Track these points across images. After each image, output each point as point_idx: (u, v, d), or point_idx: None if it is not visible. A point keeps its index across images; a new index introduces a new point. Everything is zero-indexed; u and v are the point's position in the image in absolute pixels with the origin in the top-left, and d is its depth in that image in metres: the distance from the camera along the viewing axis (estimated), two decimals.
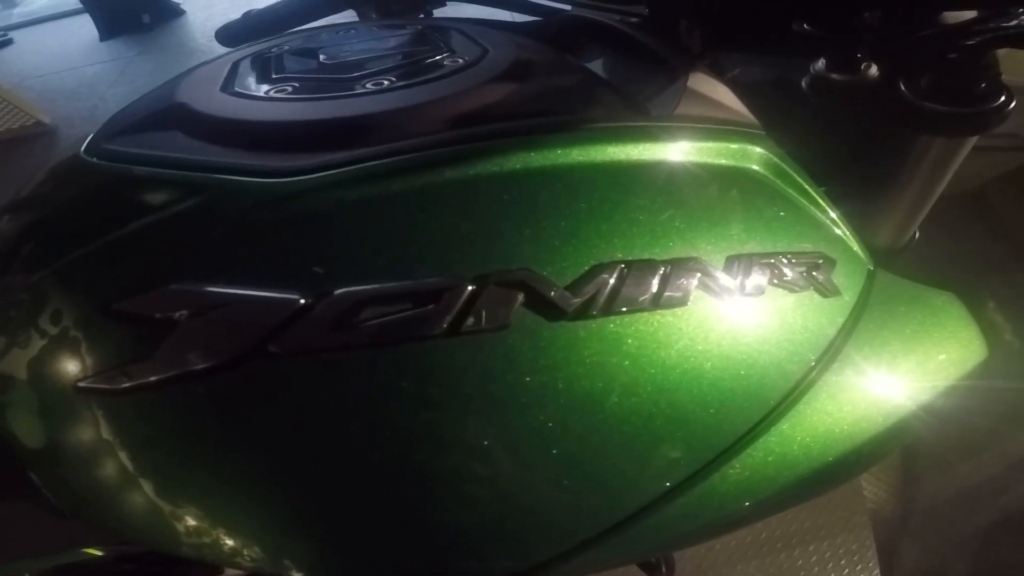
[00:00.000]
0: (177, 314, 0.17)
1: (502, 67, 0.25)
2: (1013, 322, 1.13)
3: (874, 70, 0.31)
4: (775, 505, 0.24)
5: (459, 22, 0.34)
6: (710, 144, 0.23)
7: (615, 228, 0.19)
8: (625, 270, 0.19)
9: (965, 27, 0.27)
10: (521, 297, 0.18)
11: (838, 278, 0.24)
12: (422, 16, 0.43)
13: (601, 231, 0.19)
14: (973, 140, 0.30)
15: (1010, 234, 1.24)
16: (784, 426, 0.22)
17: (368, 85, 0.24)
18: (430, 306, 0.17)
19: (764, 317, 0.22)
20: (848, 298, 0.25)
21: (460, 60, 0.26)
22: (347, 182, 0.19)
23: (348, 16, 0.42)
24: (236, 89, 0.25)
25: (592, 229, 0.19)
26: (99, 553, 0.26)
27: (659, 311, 0.19)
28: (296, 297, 0.17)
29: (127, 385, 0.17)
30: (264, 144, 0.21)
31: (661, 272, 0.19)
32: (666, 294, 0.19)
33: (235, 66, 0.28)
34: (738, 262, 0.21)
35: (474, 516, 0.20)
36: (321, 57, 0.27)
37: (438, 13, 0.44)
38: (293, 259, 0.18)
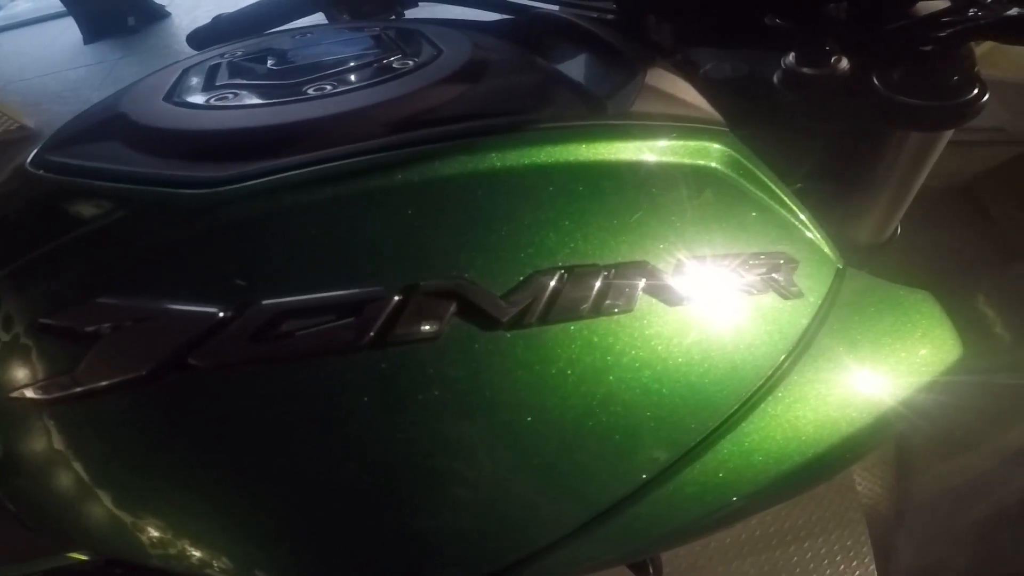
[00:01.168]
0: (101, 327, 0.17)
1: (452, 69, 0.25)
2: (1003, 315, 1.14)
3: (844, 63, 0.31)
4: (740, 510, 0.24)
5: (423, 23, 0.34)
6: (665, 142, 0.23)
7: (557, 233, 0.19)
8: (565, 277, 0.19)
9: (937, 19, 0.27)
10: (453, 307, 0.17)
11: (802, 279, 0.24)
12: (393, 18, 0.43)
13: (541, 236, 0.19)
14: (949, 134, 0.30)
15: (998, 228, 1.26)
16: (744, 431, 0.22)
17: (310, 91, 0.24)
18: (352, 318, 0.17)
19: (718, 321, 0.22)
20: (813, 299, 0.25)
21: (410, 62, 0.26)
22: (270, 192, 0.18)
23: (319, 19, 0.42)
24: (178, 98, 0.25)
25: (532, 235, 0.19)
26: (84, 558, 0.26)
27: (601, 318, 0.19)
28: (214, 311, 0.17)
29: (53, 396, 0.18)
30: (197, 154, 0.21)
31: (603, 278, 0.19)
32: (608, 301, 0.19)
33: (184, 74, 0.28)
34: (690, 265, 0.21)
35: (423, 522, 0.20)
36: (269, 62, 0.27)
37: (410, 14, 0.44)
38: (214, 271, 0.18)
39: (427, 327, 0.17)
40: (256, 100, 0.24)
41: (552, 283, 0.18)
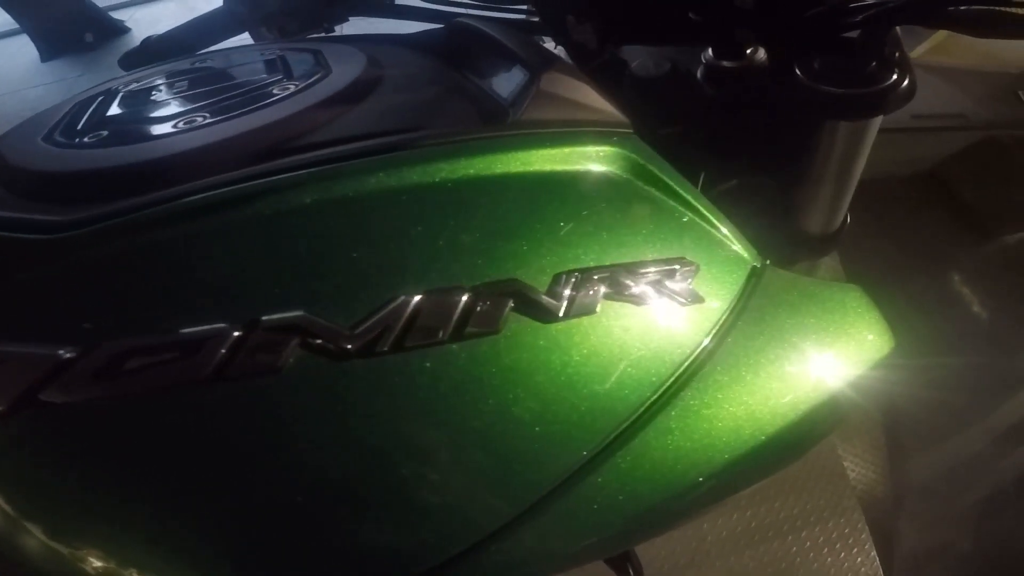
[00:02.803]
0: None
1: (330, 92, 0.25)
2: (980, 294, 1.17)
3: (762, 54, 0.31)
4: (636, 531, 0.25)
5: (329, 41, 0.34)
6: (552, 150, 0.22)
7: (419, 256, 0.20)
8: (422, 302, 0.19)
9: (851, 3, 0.27)
10: (296, 340, 0.18)
11: (704, 283, 0.24)
12: (322, 35, 0.43)
13: (401, 261, 0.19)
14: (879, 120, 0.30)
15: (967, 210, 1.30)
16: (640, 444, 0.23)
17: (180, 124, 0.24)
18: (193, 353, 0.18)
19: (600, 336, 0.22)
20: (719, 302, 0.25)
21: (291, 86, 0.26)
22: (114, 234, 0.19)
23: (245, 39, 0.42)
24: (57, 136, 0.25)
25: (390, 260, 0.19)
26: None
27: (463, 342, 0.19)
28: (60, 351, 0.18)
29: None
30: (56, 196, 0.22)
31: (465, 301, 0.19)
32: (471, 323, 0.19)
33: (71, 109, 0.28)
34: (567, 279, 0.21)
35: (280, 542, 0.21)
36: (153, 95, 0.28)
37: (341, 29, 0.44)
38: (62, 313, 0.19)
39: (267, 361, 0.18)
40: (127, 136, 0.24)
41: (408, 310, 0.19)
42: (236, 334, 0.18)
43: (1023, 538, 1.12)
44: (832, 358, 0.27)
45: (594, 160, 0.23)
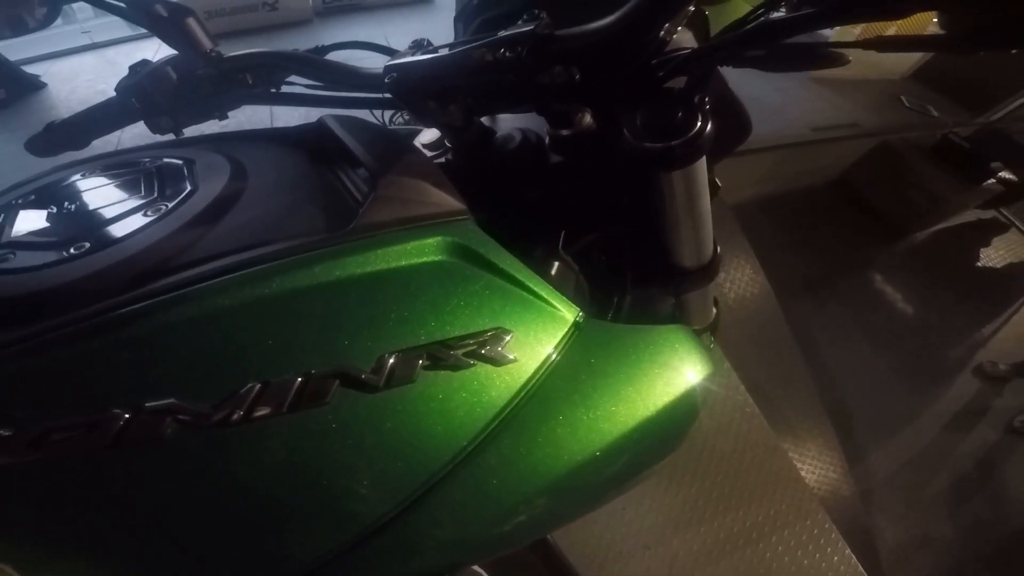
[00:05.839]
0: None
1: (196, 211, 0.30)
2: (902, 290, 1.26)
3: (588, 119, 0.34)
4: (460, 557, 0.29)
5: (208, 142, 0.39)
6: (382, 251, 0.28)
7: (262, 354, 0.26)
8: (265, 387, 0.25)
9: (650, 62, 0.29)
10: (170, 419, 0.25)
11: (518, 345, 0.29)
12: (215, 118, 0.45)
13: (248, 359, 0.26)
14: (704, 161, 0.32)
15: (874, 212, 1.40)
16: (452, 489, 0.28)
17: (71, 250, 0.29)
18: (95, 431, 0.24)
19: (417, 400, 0.27)
20: (533, 359, 0.29)
21: (163, 207, 0.31)
22: (33, 350, 0.25)
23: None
24: None
25: (239, 359, 0.26)
26: None
27: (299, 412, 0.25)
28: (3, 432, 0.24)
29: None
30: None
31: (299, 382, 0.26)
32: (305, 399, 0.26)
33: None
34: (388, 358, 0.27)
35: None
36: (49, 209, 0.32)
37: (234, 114, 0.46)
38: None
39: (151, 434, 0.25)
40: (26, 261, 0.28)
41: (253, 393, 0.25)
42: (127, 416, 0.24)
43: (1001, 521, 1.19)
44: (652, 388, 0.32)
45: (423, 253, 0.29)
